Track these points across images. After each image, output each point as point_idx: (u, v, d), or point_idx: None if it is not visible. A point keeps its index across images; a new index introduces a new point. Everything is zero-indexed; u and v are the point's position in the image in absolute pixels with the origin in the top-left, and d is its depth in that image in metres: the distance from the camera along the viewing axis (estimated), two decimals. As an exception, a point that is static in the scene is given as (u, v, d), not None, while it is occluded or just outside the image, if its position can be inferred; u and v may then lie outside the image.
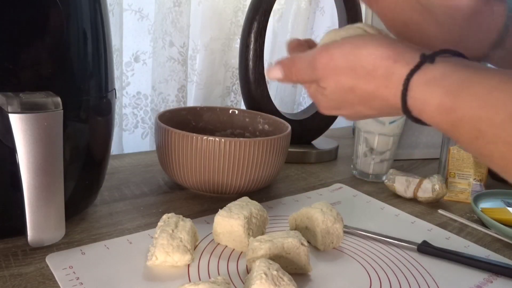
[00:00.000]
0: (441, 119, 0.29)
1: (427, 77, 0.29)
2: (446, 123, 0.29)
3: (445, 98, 0.28)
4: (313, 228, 0.50)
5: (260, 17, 0.76)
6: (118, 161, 0.74)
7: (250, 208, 0.50)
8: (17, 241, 0.47)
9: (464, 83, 0.28)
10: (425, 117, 0.30)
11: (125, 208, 0.57)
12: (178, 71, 0.88)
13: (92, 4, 0.46)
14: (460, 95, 0.28)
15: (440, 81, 0.29)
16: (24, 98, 0.38)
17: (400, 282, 0.46)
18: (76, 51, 0.45)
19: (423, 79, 0.30)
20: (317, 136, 0.89)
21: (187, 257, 0.44)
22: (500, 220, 0.59)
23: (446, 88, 0.28)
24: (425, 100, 0.29)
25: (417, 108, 0.30)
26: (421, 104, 0.30)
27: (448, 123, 0.29)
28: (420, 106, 0.30)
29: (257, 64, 0.77)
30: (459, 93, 0.28)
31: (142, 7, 0.84)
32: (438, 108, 0.29)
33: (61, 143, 0.41)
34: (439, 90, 0.29)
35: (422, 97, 0.30)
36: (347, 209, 0.62)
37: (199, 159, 0.57)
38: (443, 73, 0.29)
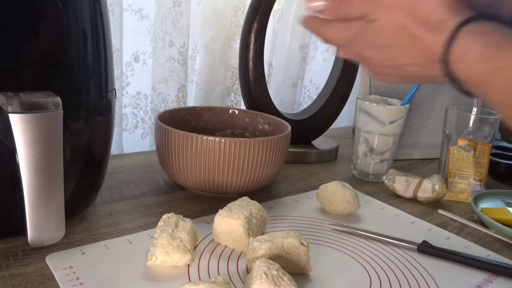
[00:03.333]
0: (478, 67, 0.31)
1: (477, 29, 0.31)
2: (481, 72, 0.31)
3: (488, 48, 0.30)
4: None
5: (260, 17, 0.76)
6: (118, 161, 0.74)
7: (250, 208, 0.50)
8: (17, 241, 0.47)
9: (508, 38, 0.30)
10: (463, 65, 0.32)
11: (125, 208, 0.57)
12: (178, 71, 0.88)
13: (92, 4, 0.46)
14: (502, 47, 0.30)
15: (487, 34, 0.31)
16: (24, 98, 0.38)
17: (400, 282, 0.46)
18: (76, 51, 0.45)
19: (472, 30, 0.31)
20: (317, 136, 0.89)
21: (187, 257, 0.44)
22: (500, 220, 0.59)
23: (490, 40, 0.31)
24: (469, 48, 0.31)
25: (458, 56, 0.32)
26: (463, 52, 0.32)
27: (484, 71, 0.31)
28: (461, 54, 0.32)
29: (257, 64, 0.77)
30: (501, 46, 0.30)
31: (142, 7, 0.84)
32: (478, 56, 0.31)
33: (61, 143, 0.41)
34: (483, 41, 0.31)
35: (466, 45, 0.31)
36: (347, 209, 0.62)
37: (199, 159, 0.57)
38: (491, 28, 0.31)
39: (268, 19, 0.77)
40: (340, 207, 0.59)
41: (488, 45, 0.31)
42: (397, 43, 0.35)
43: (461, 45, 0.32)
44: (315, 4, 0.37)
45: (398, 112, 0.72)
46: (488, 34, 0.31)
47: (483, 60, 0.31)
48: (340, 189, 0.59)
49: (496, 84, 0.30)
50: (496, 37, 0.31)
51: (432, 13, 0.33)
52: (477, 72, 0.31)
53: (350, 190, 0.60)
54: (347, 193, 0.59)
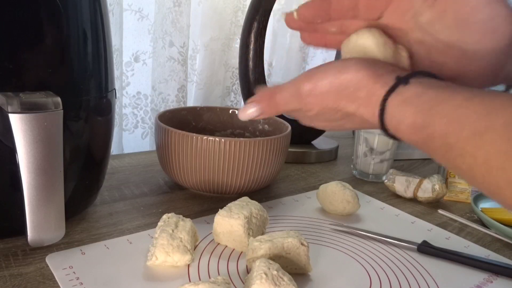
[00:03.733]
0: (415, 136, 0.31)
1: (402, 98, 0.32)
2: (419, 140, 0.31)
3: (417, 117, 0.31)
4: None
5: (260, 17, 0.76)
6: (118, 161, 0.74)
7: (250, 208, 0.50)
8: (17, 241, 0.47)
9: (434, 102, 0.30)
10: (400, 134, 0.33)
11: (125, 208, 0.57)
12: (178, 71, 0.88)
13: (92, 4, 0.46)
14: (430, 114, 0.30)
15: (413, 101, 0.31)
16: (24, 98, 0.38)
17: (400, 282, 0.46)
18: (76, 51, 0.45)
19: (398, 99, 0.32)
20: (317, 136, 0.89)
21: (187, 257, 0.44)
22: (500, 220, 0.59)
23: (418, 108, 0.31)
24: (400, 119, 0.32)
25: (393, 126, 0.33)
26: (396, 123, 0.32)
27: (421, 139, 0.31)
28: (395, 125, 0.32)
29: (257, 64, 0.77)
30: (429, 112, 0.30)
31: (142, 7, 0.84)
32: (411, 126, 0.31)
33: (61, 143, 0.41)
34: (412, 110, 0.31)
35: (397, 116, 0.32)
36: (347, 209, 0.62)
37: (199, 159, 0.57)
38: (415, 94, 0.31)
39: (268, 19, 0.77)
40: (340, 207, 0.59)
41: (416, 114, 0.31)
42: (336, 118, 0.37)
43: (392, 116, 0.32)
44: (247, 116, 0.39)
45: (398, 112, 0.72)
46: (414, 100, 0.31)
47: (416, 130, 0.31)
48: (340, 189, 0.59)
49: (435, 149, 0.30)
50: (423, 101, 0.31)
51: (357, 90, 0.34)
52: (416, 140, 0.31)
53: (350, 190, 0.60)
54: (347, 193, 0.59)
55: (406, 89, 0.32)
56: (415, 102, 0.31)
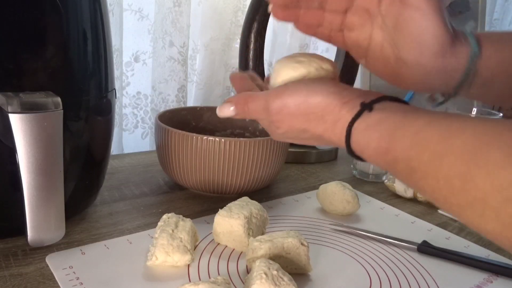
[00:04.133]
0: (379, 160, 0.32)
1: (366, 124, 0.33)
2: (383, 163, 0.32)
3: (381, 142, 0.32)
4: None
5: (260, 17, 0.76)
6: (118, 161, 0.74)
7: (250, 208, 0.50)
8: (17, 241, 0.47)
9: (396, 127, 0.31)
10: (366, 157, 0.34)
11: (125, 208, 0.57)
12: (178, 71, 0.88)
13: (92, 4, 0.46)
14: (393, 138, 0.31)
15: (377, 127, 0.32)
16: (24, 98, 0.38)
17: (400, 282, 0.46)
18: (76, 51, 0.45)
19: (362, 125, 0.33)
20: (317, 136, 0.89)
21: (187, 257, 0.44)
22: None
23: (381, 133, 0.32)
24: (365, 144, 0.33)
25: (359, 150, 0.34)
26: (361, 147, 0.34)
27: (386, 162, 0.32)
28: (361, 149, 0.34)
29: (257, 64, 0.77)
30: (392, 136, 0.31)
31: (142, 7, 0.84)
32: (375, 151, 0.32)
33: (61, 143, 0.41)
34: (375, 135, 0.32)
35: (362, 141, 0.33)
36: (347, 209, 0.62)
37: (199, 159, 0.57)
38: (379, 119, 0.33)
39: (268, 19, 0.77)
40: (340, 207, 0.59)
41: (380, 139, 0.32)
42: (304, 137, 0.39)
43: (357, 141, 0.34)
44: (224, 114, 0.42)
45: (398, 112, 0.72)
46: (378, 125, 0.32)
47: (380, 154, 0.32)
48: (340, 189, 0.59)
49: (399, 172, 0.31)
50: (386, 126, 0.32)
51: (325, 115, 0.35)
52: (381, 163, 0.33)
53: (350, 190, 0.59)
54: (347, 193, 0.59)
55: (370, 115, 0.33)
56: (378, 128, 0.32)
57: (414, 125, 0.30)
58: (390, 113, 0.33)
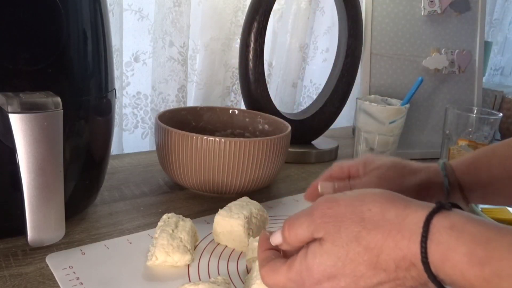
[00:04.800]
0: (472, 272, 0.25)
1: (450, 221, 0.26)
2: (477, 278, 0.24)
3: (475, 246, 0.24)
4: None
5: (260, 17, 0.76)
6: (118, 161, 0.74)
7: (250, 208, 0.50)
8: (17, 241, 0.47)
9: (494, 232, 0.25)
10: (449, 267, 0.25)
11: (125, 208, 0.57)
12: (178, 71, 0.88)
13: (92, 4, 0.46)
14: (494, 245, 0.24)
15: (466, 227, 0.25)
16: (24, 98, 0.38)
17: (400, 282, 0.46)
18: (76, 51, 0.45)
19: (446, 222, 0.26)
20: (317, 136, 0.89)
21: (187, 257, 0.44)
22: (500, 220, 0.59)
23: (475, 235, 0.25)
24: (452, 246, 0.25)
25: (440, 256, 0.25)
26: (445, 251, 0.25)
27: (481, 277, 0.24)
28: (443, 253, 0.25)
29: (257, 64, 0.77)
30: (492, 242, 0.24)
31: (142, 7, 0.84)
32: (467, 257, 0.24)
33: (61, 143, 0.41)
34: (467, 237, 0.25)
35: (447, 241, 0.25)
36: (347, 209, 0.62)
37: (199, 159, 0.57)
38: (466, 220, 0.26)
39: (268, 19, 0.77)
40: None
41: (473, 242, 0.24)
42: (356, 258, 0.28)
43: (441, 241, 0.25)
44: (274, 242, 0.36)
45: (398, 112, 0.72)
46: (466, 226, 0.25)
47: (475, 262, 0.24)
48: None
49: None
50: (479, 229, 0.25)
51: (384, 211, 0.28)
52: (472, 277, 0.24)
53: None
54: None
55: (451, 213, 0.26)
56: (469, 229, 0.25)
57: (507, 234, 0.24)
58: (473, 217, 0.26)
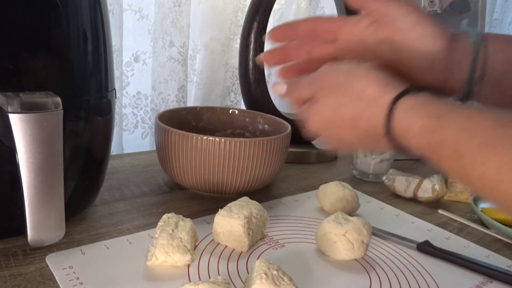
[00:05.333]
0: (423, 141, 0.31)
1: (411, 102, 0.32)
2: (427, 145, 0.31)
3: (428, 121, 0.31)
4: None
5: (260, 17, 0.76)
6: (118, 161, 0.74)
7: (250, 208, 0.50)
8: (17, 241, 0.47)
9: (444, 110, 0.31)
10: (407, 139, 0.33)
11: (125, 208, 0.57)
12: (178, 71, 0.88)
13: (92, 4, 0.46)
14: (442, 119, 0.30)
15: (424, 107, 0.32)
16: (24, 98, 0.38)
17: (400, 282, 0.46)
18: (76, 51, 0.45)
19: (408, 104, 0.32)
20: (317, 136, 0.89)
21: (187, 257, 0.44)
22: (500, 220, 0.59)
23: (429, 113, 0.31)
24: (409, 122, 0.32)
25: (401, 130, 0.33)
26: (405, 126, 0.32)
27: (430, 144, 0.31)
28: (403, 128, 0.32)
29: (257, 64, 0.77)
30: (441, 117, 0.30)
31: (142, 7, 0.84)
32: (421, 130, 0.31)
33: (61, 143, 0.41)
34: (423, 114, 0.31)
35: (406, 119, 0.32)
36: (347, 209, 0.62)
37: (199, 159, 0.57)
38: (426, 101, 0.32)
39: (268, 19, 0.77)
40: (339, 207, 0.59)
41: (427, 118, 0.31)
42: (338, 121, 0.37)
43: (400, 120, 0.33)
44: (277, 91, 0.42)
45: (398, 112, 0.72)
46: (426, 105, 0.32)
47: (426, 133, 0.31)
48: (340, 189, 0.59)
49: (443, 157, 0.30)
50: (434, 109, 0.31)
51: (364, 90, 0.35)
52: (424, 145, 0.31)
53: (350, 190, 0.60)
54: (346, 193, 0.59)
55: (417, 95, 0.33)
56: (426, 108, 0.31)
57: (464, 110, 0.30)
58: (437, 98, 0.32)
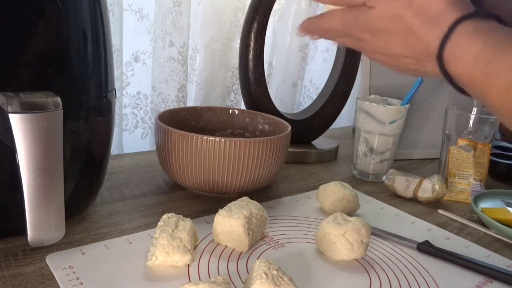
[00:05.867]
0: (476, 68, 0.30)
1: (474, 27, 0.30)
2: (480, 73, 0.29)
3: (486, 49, 0.29)
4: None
5: (260, 17, 0.76)
6: (118, 161, 0.74)
7: (250, 208, 0.50)
8: (17, 241, 0.47)
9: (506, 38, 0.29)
10: (458, 65, 0.31)
11: (125, 208, 0.57)
12: (178, 71, 0.88)
13: (92, 4, 0.46)
14: (501, 49, 0.29)
15: (486, 33, 0.30)
16: (24, 98, 0.38)
17: (400, 282, 0.46)
18: (76, 51, 0.45)
19: (469, 27, 0.30)
20: (317, 136, 0.89)
21: (187, 257, 0.44)
22: (500, 220, 0.59)
23: (490, 40, 0.29)
24: (465, 48, 0.30)
25: (454, 55, 0.31)
26: (459, 51, 0.30)
27: (482, 72, 0.29)
28: (457, 53, 0.30)
29: (257, 64, 0.77)
30: (501, 47, 0.29)
31: (142, 7, 0.84)
32: (476, 57, 0.29)
33: (61, 143, 0.41)
34: (481, 41, 0.29)
35: (463, 43, 0.30)
36: (347, 209, 0.62)
37: (199, 159, 0.57)
38: (490, 27, 0.30)
39: (268, 19, 0.77)
40: (339, 207, 0.59)
41: (486, 46, 0.29)
42: (392, 32, 0.34)
43: (457, 43, 0.31)
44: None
45: (398, 112, 0.72)
46: (486, 33, 0.30)
47: (481, 62, 0.29)
48: (340, 189, 0.59)
49: (495, 87, 0.29)
50: (495, 37, 0.30)
51: (429, 5, 0.32)
52: (474, 74, 0.30)
53: (350, 190, 0.60)
54: (346, 193, 0.59)
55: (482, 21, 0.30)
56: (487, 35, 0.29)
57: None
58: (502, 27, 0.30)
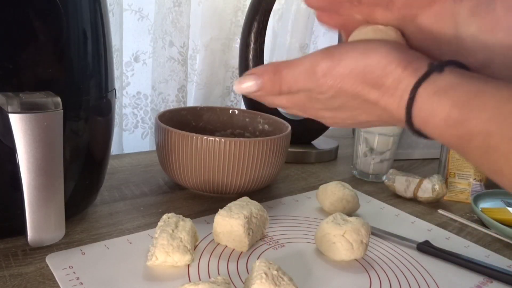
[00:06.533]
0: (448, 132, 0.27)
1: (435, 87, 0.28)
2: (453, 137, 0.27)
3: (453, 110, 0.27)
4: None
5: (260, 17, 0.76)
6: (118, 161, 0.74)
7: (250, 208, 0.50)
8: (17, 241, 0.47)
9: (474, 94, 0.26)
10: (430, 129, 0.29)
11: (125, 208, 0.57)
12: (178, 71, 0.88)
13: (92, 4, 0.46)
14: (470, 107, 0.26)
15: (449, 92, 0.27)
16: (24, 98, 0.38)
17: (400, 282, 0.46)
18: (76, 51, 0.45)
19: (430, 89, 0.28)
20: (317, 136, 0.89)
21: (187, 257, 0.44)
22: (500, 220, 0.59)
23: (455, 99, 0.27)
24: (432, 111, 0.28)
25: (422, 119, 0.29)
26: (427, 115, 0.28)
27: (455, 136, 0.27)
28: (425, 118, 0.28)
29: (257, 64, 0.77)
30: (469, 105, 0.26)
31: (142, 7, 0.84)
32: (445, 120, 0.27)
33: (61, 143, 0.41)
34: (447, 101, 0.27)
35: (428, 108, 0.28)
36: (347, 209, 0.62)
37: (199, 159, 0.57)
38: (451, 84, 0.27)
39: (268, 19, 0.77)
40: (339, 207, 0.59)
41: (453, 106, 0.27)
42: (354, 107, 0.32)
43: (422, 108, 0.28)
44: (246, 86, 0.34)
45: (398, 112, 0.72)
46: (450, 91, 0.27)
47: (451, 124, 0.27)
48: (339, 189, 0.59)
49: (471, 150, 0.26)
50: (460, 92, 0.27)
51: (385, 75, 0.30)
52: (449, 136, 0.28)
53: (349, 190, 0.60)
54: (346, 193, 0.59)
55: (440, 77, 0.28)
56: (451, 94, 0.27)
57: (498, 94, 0.25)
58: (465, 78, 0.27)
